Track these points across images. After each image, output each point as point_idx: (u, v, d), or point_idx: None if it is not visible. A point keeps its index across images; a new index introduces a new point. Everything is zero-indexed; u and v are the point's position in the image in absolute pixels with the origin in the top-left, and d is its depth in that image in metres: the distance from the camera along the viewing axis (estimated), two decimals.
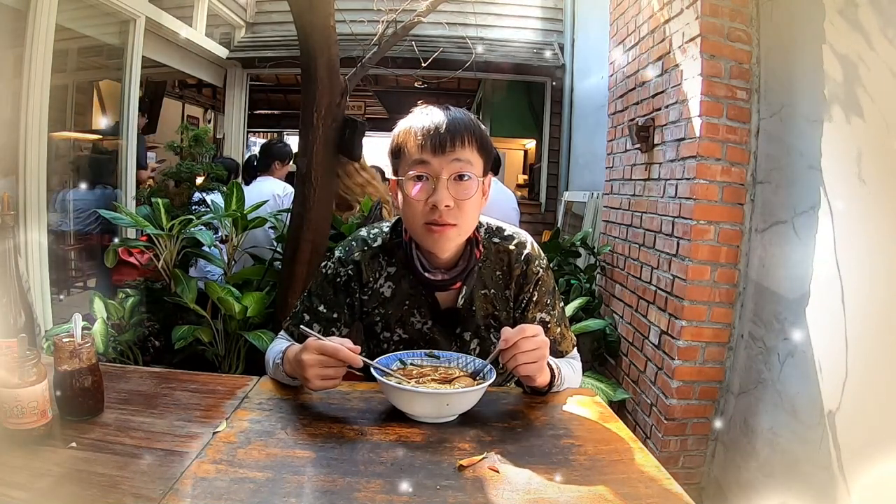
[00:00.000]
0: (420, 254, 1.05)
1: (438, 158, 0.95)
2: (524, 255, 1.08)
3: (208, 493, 0.67)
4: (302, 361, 0.86)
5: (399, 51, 2.53)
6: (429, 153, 0.95)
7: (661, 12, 2.32)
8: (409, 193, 0.97)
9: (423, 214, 0.97)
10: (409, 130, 0.98)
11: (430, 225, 0.97)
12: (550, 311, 1.10)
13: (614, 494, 0.71)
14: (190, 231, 2.36)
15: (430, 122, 0.97)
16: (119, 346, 2.15)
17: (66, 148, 4.11)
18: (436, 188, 0.95)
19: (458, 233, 0.99)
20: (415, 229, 1.00)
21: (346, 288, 1.07)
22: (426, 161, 0.95)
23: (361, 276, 1.07)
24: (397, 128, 1.02)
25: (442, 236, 0.98)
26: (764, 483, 1.77)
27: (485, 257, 1.08)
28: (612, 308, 2.80)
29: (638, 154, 2.54)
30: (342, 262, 1.08)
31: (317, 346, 0.87)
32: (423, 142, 0.95)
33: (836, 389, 1.50)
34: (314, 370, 0.86)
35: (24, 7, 2.77)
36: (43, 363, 0.77)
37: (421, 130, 0.96)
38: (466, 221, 0.99)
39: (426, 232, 0.98)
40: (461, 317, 1.08)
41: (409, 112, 1.03)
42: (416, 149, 0.96)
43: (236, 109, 5.43)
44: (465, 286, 1.06)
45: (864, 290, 1.45)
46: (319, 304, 1.07)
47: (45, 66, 2.84)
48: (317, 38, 2.05)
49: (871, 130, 1.45)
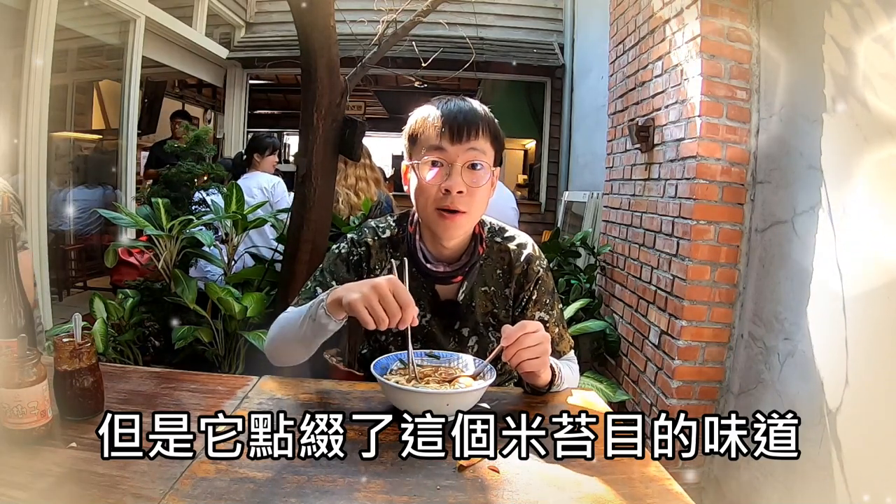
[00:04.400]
0: (424, 245, 1.08)
1: (455, 146, 0.99)
2: (525, 255, 1.10)
3: (208, 493, 0.66)
4: (377, 284, 0.83)
5: (399, 51, 2.53)
6: (447, 140, 0.99)
7: (661, 12, 2.32)
8: (423, 177, 1.00)
9: (435, 199, 1.00)
10: (428, 117, 1.02)
11: (442, 210, 1.00)
12: (549, 311, 1.11)
13: (614, 494, 0.71)
14: (190, 231, 2.36)
15: (449, 111, 1.00)
16: (119, 346, 2.15)
17: (66, 148, 4.11)
18: (450, 174, 0.99)
19: (468, 220, 1.02)
20: (426, 213, 1.03)
21: (357, 268, 1.10)
22: (443, 148, 0.99)
23: (371, 259, 1.10)
24: (415, 114, 1.06)
25: (453, 223, 1.01)
26: (764, 483, 1.77)
27: (487, 255, 1.10)
28: (612, 308, 2.80)
29: (638, 154, 2.54)
30: (355, 243, 1.11)
31: (394, 283, 0.84)
32: (442, 129, 0.99)
33: (836, 389, 1.50)
34: (381, 291, 0.83)
35: (24, 7, 2.77)
36: (43, 363, 0.77)
37: (440, 118, 1.00)
38: (476, 209, 1.02)
39: (437, 217, 1.01)
40: (460, 312, 1.09)
41: (412, 111, 1.06)
42: (434, 135, 1.00)
43: (236, 109, 5.44)
44: (466, 280, 1.08)
45: (864, 290, 1.45)
46: (332, 279, 1.09)
47: (45, 66, 2.84)
48: (317, 38, 2.05)
49: (871, 130, 1.45)
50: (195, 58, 4.81)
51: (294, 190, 2.26)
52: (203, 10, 4.61)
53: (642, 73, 2.55)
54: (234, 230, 2.50)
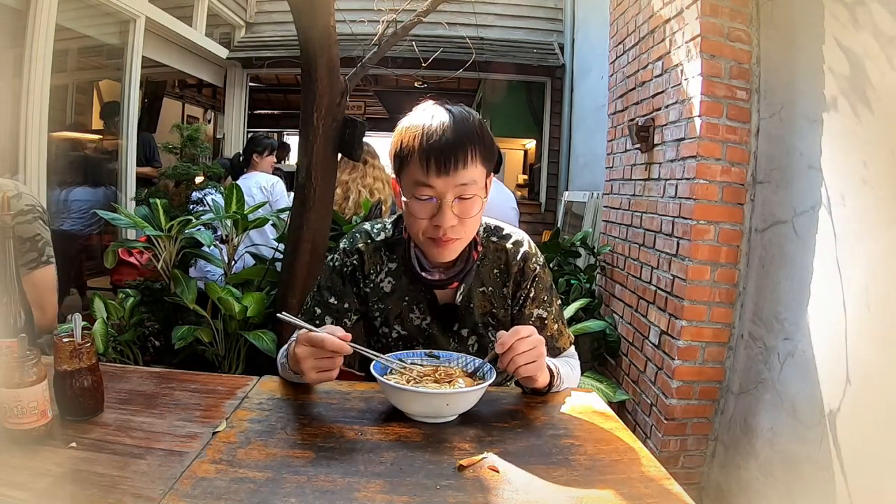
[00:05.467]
0: (419, 253, 1.06)
1: (443, 180, 0.93)
2: (521, 253, 1.09)
3: (208, 493, 0.66)
4: (295, 355, 0.86)
5: (399, 51, 2.53)
6: (434, 176, 0.93)
7: (661, 12, 2.32)
8: (412, 212, 0.97)
9: (426, 230, 0.98)
10: (413, 143, 0.94)
11: (433, 239, 0.98)
12: (548, 308, 1.11)
13: (614, 494, 0.71)
14: (189, 231, 2.36)
15: (434, 136, 0.92)
16: (119, 346, 2.15)
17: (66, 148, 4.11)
18: (440, 210, 0.94)
19: (462, 244, 1.01)
20: (417, 240, 1.01)
21: (353, 277, 1.09)
22: (431, 185, 0.94)
23: (364, 266, 1.09)
24: (401, 127, 0.99)
25: (446, 249, 0.99)
26: (764, 483, 1.77)
27: (483, 255, 1.09)
28: (612, 308, 2.80)
29: (638, 154, 2.54)
30: (347, 253, 1.10)
31: (306, 337, 0.86)
32: (428, 163, 0.92)
33: (836, 389, 1.50)
34: (308, 363, 0.86)
35: (24, 7, 2.77)
36: (43, 363, 0.77)
37: (425, 149, 0.92)
38: (469, 233, 1.00)
39: (430, 244, 0.99)
40: (459, 314, 1.09)
41: (410, 111, 1.01)
42: (419, 170, 0.94)
43: (236, 109, 5.44)
44: (463, 284, 1.07)
45: (864, 290, 1.45)
46: (330, 296, 1.08)
47: (45, 66, 2.84)
48: (317, 38, 2.05)
49: (871, 130, 1.45)
50: (195, 58, 4.81)
51: (294, 190, 2.26)
52: (203, 10, 4.61)
53: (642, 73, 2.55)
54: (234, 230, 2.50)
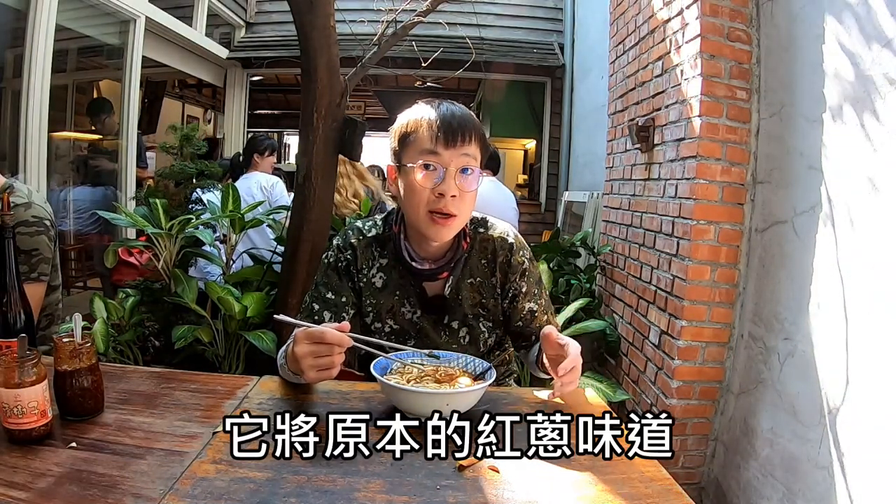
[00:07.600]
0: (409, 244, 1.09)
1: (449, 151, 0.99)
2: (507, 244, 1.13)
3: (208, 493, 0.66)
4: (295, 355, 0.85)
5: (399, 51, 2.52)
6: (441, 144, 0.99)
7: (661, 12, 2.32)
8: (416, 180, 1.00)
9: (427, 202, 1.01)
10: (421, 120, 1.01)
11: (434, 214, 1.01)
12: (538, 301, 1.15)
13: (614, 494, 0.71)
14: (189, 231, 2.36)
15: (443, 115, 1.01)
16: (119, 346, 2.15)
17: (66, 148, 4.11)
18: (444, 178, 0.99)
19: (459, 223, 1.04)
20: (417, 216, 1.03)
21: (347, 272, 1.12)
22: (437, 152, 0.99)
23: (357, 261, 1.11)
24: (404, 117, 1.05)
25: (445, 227, 1.02)
26: (764, 483, 1.77)
27: (471, 247, 1.12)
28: (612, 308, 2.80)
29: (638, 154, 2.54)
30: (341, 249, 1.13)
31: (305, 333, 0.85)
32: (437, 133, 0.99)
33: (836, 389, 1.50)
34: (307, 361, 0.84)
35: (24, 7, 2.77)
36: (43, 363, 0.77)
37: (434, 122, 1.00)
38: (466, 212, 1.04)
39: (429, 221, 1.01)
40: (448, 306, 1.11)
41: (410, 107, 1.07)
42: (428, 139, 1.00)
43: (236, 109, 5.44)
44: (452, 275, 1.10)
45: (864, 289, 1.45)
46: (327, 291, 1.11)
47: (45, 66, 2.84)
48: (317, 38, 2.05)
49: (871, 130, 1.45)
50: (195, 58, 4.81)
51: (294, 190, 2.26)
52: (203, 10, 4.61)
53: (642, 73, 2.55)
54: (231, 230, 2.50)
